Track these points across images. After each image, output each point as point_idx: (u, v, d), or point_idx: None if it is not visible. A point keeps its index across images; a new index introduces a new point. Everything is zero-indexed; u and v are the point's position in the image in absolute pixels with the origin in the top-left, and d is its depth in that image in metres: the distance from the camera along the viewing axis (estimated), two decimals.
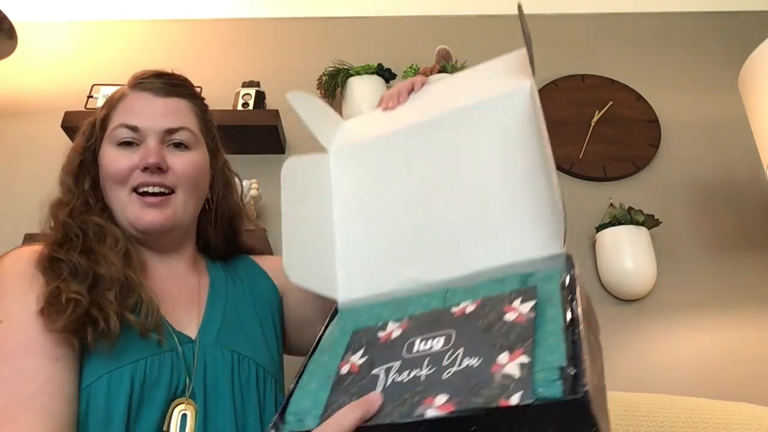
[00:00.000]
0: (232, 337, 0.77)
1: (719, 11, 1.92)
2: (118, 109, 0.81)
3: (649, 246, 1.42)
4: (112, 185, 0.78)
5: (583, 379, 0.46)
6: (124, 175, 0.77)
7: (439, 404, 0.48)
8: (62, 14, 1.89)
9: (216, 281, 0.85)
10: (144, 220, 0.76)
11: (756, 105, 1.30)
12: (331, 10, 1.91)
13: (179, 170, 0.79)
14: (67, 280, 0.67)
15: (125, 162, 0.77)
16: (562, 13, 1.92)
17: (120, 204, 0.78)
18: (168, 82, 0.84)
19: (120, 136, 0.79)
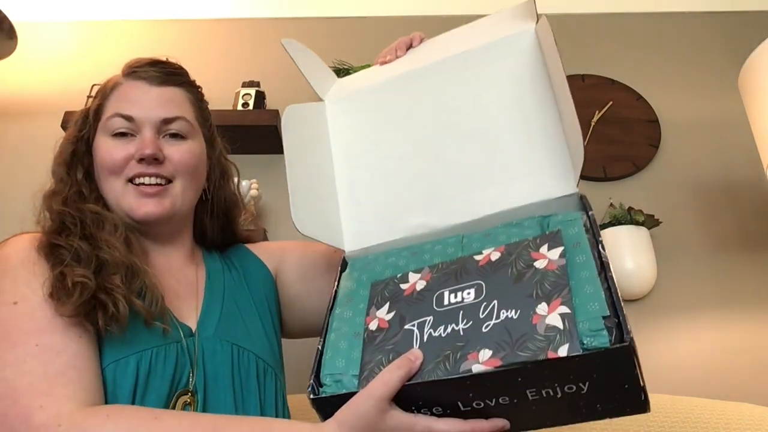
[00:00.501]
0: (231, 330, 0.76)
1: (719, 11, 1.92)
2: (112, 99, 0.81)
3: (649, 246, 1.42)
4: (107, 176, 0.77)
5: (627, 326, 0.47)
6: (119, 165, 0.76)
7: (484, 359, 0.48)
8: (62, 14, 1.89)
9: (213, 272, 0.84)
10: (141, 211, 0.75)
11: (756, 105, 1.30)
12: (331, 10, 1.91)
13: (176, 160, 0.78)
14: (70, 265, 0.66)
15: (120, 152, 0.76)
16: (562, 13, 1.92)
17: (115, 195, 0.77)
18: (163, 71, 0.84)
19: (114, 126, 0.78)
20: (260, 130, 1.56)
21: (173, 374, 0.68)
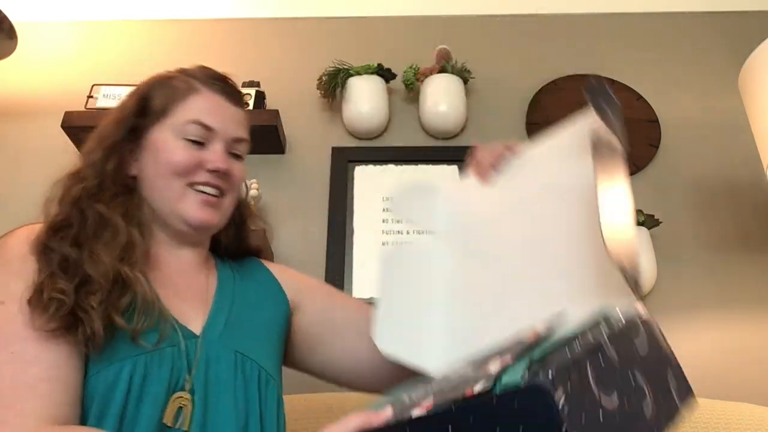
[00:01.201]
0: (237, 337, 0.76)
1: (719, 11, 1.92)
2: (190, 104, 0.80)
3: (649, 246, 1.42)
4: (168, 175, 0.77)
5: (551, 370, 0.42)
6: (188, 170, 0.77)
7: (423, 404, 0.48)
8: (62, 14, 1.89)
9: (224, 279, 0.84)
10: (199, 217, 0.77)
11: (756, 105, 1.30)
12: (331, 10, 1.91)
13: (235, 178, 0.82)
14: (54, 276, 0.66)
15: (192, 158, 0.77)
16: (562, 13, 1.92)
17: (171, 195, 0.77)
18: (236, 91, 0.87)
19: (191, 132, 0.78)
20: (260, 130, 1.56)
21: (170, 377, 0.67)
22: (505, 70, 1.80)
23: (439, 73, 1.66)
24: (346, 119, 1.64)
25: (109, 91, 1.63)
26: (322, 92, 1.66)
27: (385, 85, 1.67)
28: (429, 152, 1.64)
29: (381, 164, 1.62)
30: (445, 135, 1.65)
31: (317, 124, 1.69)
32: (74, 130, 1.55)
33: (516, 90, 1.76)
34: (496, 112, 1.73)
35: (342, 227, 1.51)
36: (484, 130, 1.69)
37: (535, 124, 1.68)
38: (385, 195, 1.57)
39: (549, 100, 1.72)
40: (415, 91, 1.70)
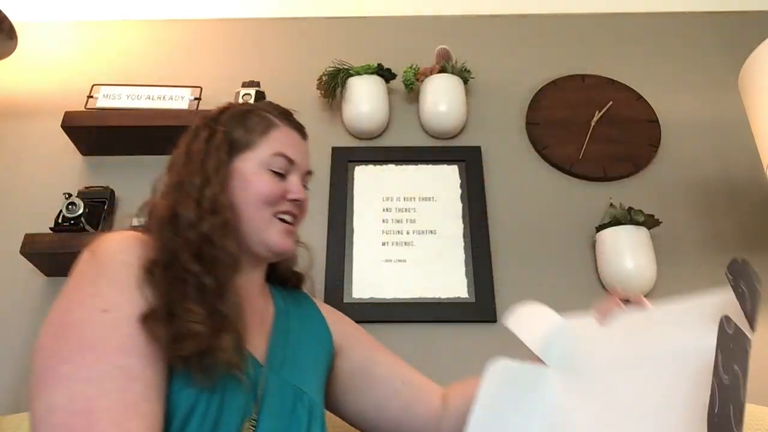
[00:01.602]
0: (294, 371, 0.79)
1: (719, 11, 1.92)
2: (272, 138, 0.86)
3: (649, 246, 1.42)
4: (258, 204, 0.81)
5: None
6: (277, 199, 0.83)
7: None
8: (62, 14, 1.89)
9: (280, 309, 0.87)
10: (283, 246, 0.83)
11: (756, 105, 1.30)
12: (331, 10, 1.91)
13: (305, 208, 0.90)
14: (191, 304, 0.66)
15: (279, 188, 0.83)
16: (562, 13, 1.92)
17: (259, 224, 0.81)
18: (302, 126, 0.95)
19: (279, 164, 0.84)
20: None
21: (244, 404, 0.68)
22: (505, 70, 1.80)
23: (439, 73, 1.66)
24: (346, 119, 1.64)
25: (109, 91, 1.63)
26: (322, 92, 1.66)
27: (385, 85, 1.67)
28: (429, 152, 1.64)
29: (381, 164, 1.62)
30: (445, 135, 1.65)
31: (317, 124, 1.69)
32: (74, 130, 1.55)
33: (516, 90, 1.76)
34: (496, 112, 1.73)
35: (342, 227, 1.51)
36: (484, 130, 1.69)
37: (535, 124, 1.68)
38: (385, 195, 1.57)
39: (549, 100, 1.72)
40: (415, 91, 1.70)
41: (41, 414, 0.58)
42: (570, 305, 1.44)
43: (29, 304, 1.42)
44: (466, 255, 1.48)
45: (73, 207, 1.40)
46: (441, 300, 1.42)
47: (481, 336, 1.39)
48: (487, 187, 1.59)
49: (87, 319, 0.62)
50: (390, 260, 1.48)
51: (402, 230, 1.52)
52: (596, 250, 1.47)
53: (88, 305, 0.63)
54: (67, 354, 0.60)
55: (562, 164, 1.61)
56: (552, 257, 1.50)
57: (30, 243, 1.36)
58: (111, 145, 1.60)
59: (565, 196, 1.59)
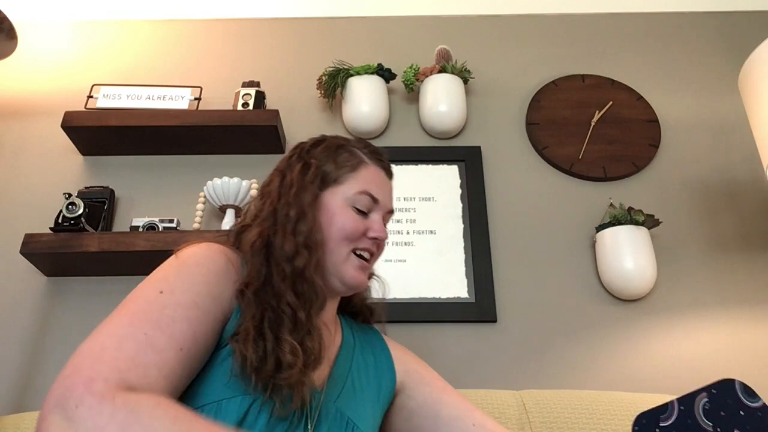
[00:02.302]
0: (350, 403, 0.80)
1: (719, 11, 1.92)
2: (360, 176, 0.87)
3: (649, 246, 1.42)
4: (340, 240, 0.82)
5: None
6: (357, 236, 0.84)
7: None
8: (62, 14, 1.89)
9: (347, 342, 0.88)
10: (357, 280, 0.83)
11: (756, 105, 1.30)
12: (331, 10, 1.91)
13: (383, 247, 0.90)
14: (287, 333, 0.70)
15: (362, 226, 0.84)
16: (562, 13, 1.92)
17: (338, 258, 0.82)
18: (390, 166, 0.94)
19: (362, 202, 0.85)
20: (260, 130, 1.56)
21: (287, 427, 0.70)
22: (505, 70, 1.80)
23: (439, 73, 1.66)
24: (346, 119, 1.64)
25: (109, 91, 1.63)
26: (322, 92, 1.66)
27: (385, 85, 1.67)
28: (429, 152, 1.64)
29: None
30: (445, 135, 1.65)
31: (317, 124, 1.69)
32: (74, 130, 1.55)
33: (516, 90, 1.76)
34: (496, 112, 1.73)
35: None
36: (484, 130, 1.69)
37: (535, 124, 1.68)
38: None
39: (549, 100, 1.72)
40: (415, 91, 1.70)
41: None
42: (570, 305, 1.44)
43: (29, 304, 1.42)
44: (466, 255, 1.48)
45: (73, 207, 1.40)
46: (441, 300, 1.42)
47: (481, 336, 1.39)
48: (487, 187, 1.59)
49: (142, 294, 0.68)
50: (390, 260, 1.48)
51: (402, 230, 1.52)
52: (596, 250, 1.47)
53: (152, 286, 0.69)
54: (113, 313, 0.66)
55: (562, 164, 1.61)
56: (552, 257, 1.50)
57: (30, 243, 1.36)
58: (111, 145, 1.60)
59: (565, 196, 1.59)
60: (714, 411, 0.65)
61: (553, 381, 1.33)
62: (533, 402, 1.12)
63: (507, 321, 1.41)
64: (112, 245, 1.35)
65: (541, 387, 1.26)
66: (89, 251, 1.34)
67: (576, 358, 1.37)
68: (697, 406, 0.67)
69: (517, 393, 1.16)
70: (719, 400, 0.65)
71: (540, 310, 1.43)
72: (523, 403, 1.11)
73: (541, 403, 1.11)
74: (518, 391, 1.16)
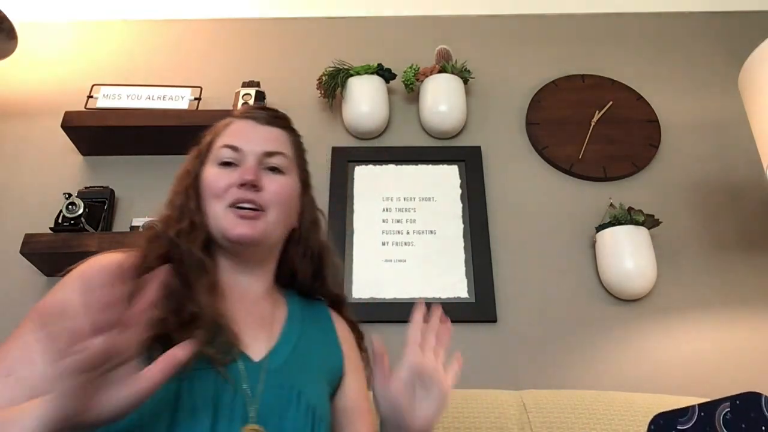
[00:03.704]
0: (295, 373, 0.78)
1: (719, 11, 1.92)
2: (223, 134, 0.88)
3: (649, 246, 1.42)
4: (210, 200, 0.83)
5: None
6: (223, 190, 0.82)
7: None
8: (62, 14, 1.89)
9: (294, 315, 0.87)
10: (236, 232, 0.80)
11: (756, 105, 1.30)
12: (331, 10, 1.91)
13: (272, 191, 0.84)
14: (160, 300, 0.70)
15: (225, 179, 0.83)
16: (562, 13, 1.92)
17: (216, 218, 0.82)
18: (270, 114, 0.92)
19: (222, 156, 0.85)
20: None
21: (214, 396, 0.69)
22: (505, 70, 1.80)
23: (439, 73, 1.66)
24: (346, 119, 1.64)
25: (109, 91, 1.63)
26: (322, 92, 1.66)
27: (385, 85, 1.67)
28: (429, 152, 1.64)
29: (381, 164, 1.62)
30: (445, 135, 1.65)
31: (317, 124, 1.69)
32: (74, 130, 1.55)
33: (516, 90, 1.76)
34: (496, 112, 1.73)
35: (342, 227, 1.51)
36: (484, 130, 1.69)
37: (535, 124, 1.68)
38: (385, 195, 1.57)
39: (549, 100, 1.72)
40: (415, 91, 1.70)
41: None
42: (570, 305, 1.44)
43: (29, 304, 1.41)
44: (466, 255, 1.48)
45: (73, 207, 1.40)
46: (441, 300, 1.42)
47: (481, 336, 1.39)
48: (487, 187, 1.59)
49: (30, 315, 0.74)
50: (390, 260, 1.48)
51: (402, 230, 1.52)
52: (596, 250, 1.47)
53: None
54: None
55: (562, 164, 1.61)
56: (552, 257, 1.50)
57: (30, 243, 1.36)
58: (111, 145, 1.60)
59: (565, 196, 1.59)
60: (735, 422, 0.65)
61: (553, 381, 1.33)
62: (533, 402, 1.12)
63: (507, 321, 1.41)
64: (112, 245, 1.33)
65: (541, 387, 1.26)
66: (89, 251, 1.33)
67: (576, 358, 1.37)
68: (718, 414, 0.67)
69: (517, 393, 1.15)
70: (742, 412, 0.64)
71: (540, 310, 1.42)
72: (523, 403, 1.11)
73: (541, 403, 1.11)
74: (518, 391, 1.16)
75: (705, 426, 0.68)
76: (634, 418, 1.06)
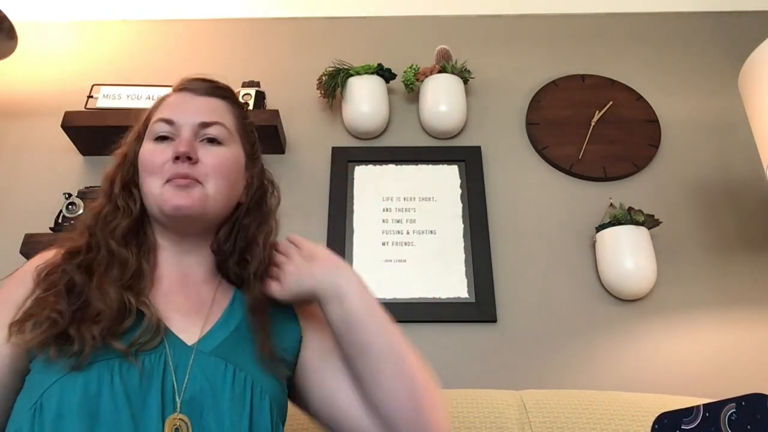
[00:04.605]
0: (234, 353, 0.74)
1: (719, 11, 1.92)
2: (159, 109, 0.85)
3: (649, 246, 1.42)
4: (146, 177, 0.80)
5: None
6: (158, 166, 0.78)
7: None
8: (62, 14, 1.89)
9: (237, 300, 0.81)
10: (173, 203, 0.77)
11: (756, 105, 1.30)
12: (331, 10, 1.91)
13: (210, 163, 0.80)
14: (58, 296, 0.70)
15: (160, 155, 0.79)
16: (562, 13, 1.92)
17: (153, 195, 0.79)
18: (208, 85, 0.87)
19: (157, 130, 0.81)
20: (260, 130, 1.51)
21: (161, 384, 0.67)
22: (505, 70, 1.80)
23: (439, 73, 1.66)
24: (346, 119, 1.64)
25: (109, 91, 1.63)
26: (322, 92, 1.66)
27: (385, 85, 1.67)
28: (429, 152, 1.64)
29: (381, 164, 1.62)
30: (445, 135, 1.65)
31: (317, 124, 1.69)
32: (74, 130, 1.55)
33: (516, 90, 1.76)
34: (496, 112, 1.73)
35: (342, 227, 1.51)
36: (484, 130, 1.69)
37: (535, 124, 1.68)
38: (385, 195, 1.57)
39: (549, 100, 1.72)
40: (415, 91, 1.70)
41: None
42: (570, 305, 1.44)
43: None
44: (466, 255, 1.48)
45: (73, 207, 1.40)
46: (441, 300, 1.42)
47: (481, 336, 1.39)
48: (487, 187, 1.59)
49: None
50: (390, 260, 1.48)
51: (402, 230, 1.52)
52: (596, 250, 1.47)
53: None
54: None
55: (562, 164, 1.61)
56: (552, 257, 1.50)
57: (30, 243, 1.36)
58: (111, 146, 1.60)
59: (565, 196, 1.59)
60: (740, 423, 0.65)
61: (553, 381, 1.33)
62: (533, 402, 1.12)
63: (507, 321, 1.41)
64: None
65: (541, 387, 1.26)
66: None
67: (576, 358, 1.37)
68: (723, 415, 0.67)
69: (517, 393, 1.15)
70: (747, 413, 0.64)
71: (540, 310, 1.43)
72: (523, 403, 1.11)
73: (541, 403, 1.11)
74: (518, 391, 1.16)
75: (710, 426, 0.68)
76: (634, 418, 1.06)
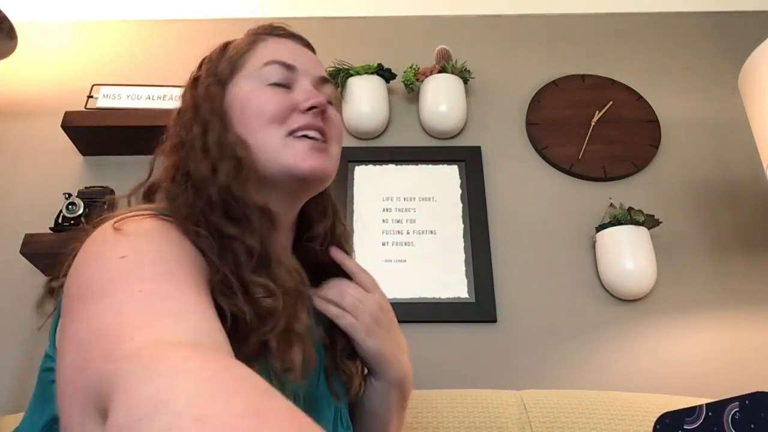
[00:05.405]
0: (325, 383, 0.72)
1: (719, 11, 1.92)
2: (260, 51, 0.70)
3: (649, 246, 1.42)
4: (264, 127, 0.65)
5: None
6: (283, 115, 0.66)
7: None
8: (62, 14, 1.89)
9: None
10: (307, 164, 0.64)
11: (756, 105, 1.30)
12: (331, 10, 1.91)
13: (334, 123, 0.70)
14: (250, 274, 0.56)
15: (284, 101, 0.66)
16: (562, 13, 1.92)
17: (273, 148, 0.65)
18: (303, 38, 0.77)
19: (273, 74, 0.68)
20: None
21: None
22: (505, 70, 1.80)
23: (439, 73, 1.66)
24: (346, 119, 1.64)
25: (109, 91, 1.63)
26: None
27: (385, 85, 1.67)
28: (429, 152, 1.64)
29: (381, 164, 1.62)
30: (445, 135, 1.65)
31: None
32: (74, 130, 1.55)
33: (516, 90, 1.76)
34: (496, 112, 1.73)
35: None
36: (484, 130, 1.69)
37: (535, 124, 1.68)
38: (385, 195, 1.57)
39: (549, 100, 1.72)
40: (415, 91, 1.70)
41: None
42: (570, 305, 1.44)
43: (29, 304, 1.41)
44: (466, 255, 1.48)
45: (73, 207, 1.40)
46: (441, 300, 1.42)
47: (481, 336, 1.39)
48: (487, 187, 1.59)
49: (104, 266, 0.50)
50: (390, 260, 1.48)
51: (402, 230, 1.52)
52: (596, 250, 1.47)
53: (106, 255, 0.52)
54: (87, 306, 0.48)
55: (562, 164, 1.61)
56: (552, 257, 1.50)
57: (30, 243, 1.36)
58: (111, 145, 1.60)
59: (565, 196, 1.59)
60: (744, 422, 0.64)
61: (553, 381, 1.33)
62: (533, 402, 1.12)
63: (507, 321, 1.41)
64: None
65: (541, 387, 1.26)
66: None
67: (576, 358, 1.37)
68: (726, 414, 0.67)
69: (517, 393, 1.16)
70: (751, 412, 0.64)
71: (540, 310, 1.42)
72: (523, 403, 1.11)
73: (541, 403, 1.11)
74: (518, 391, 1.16)
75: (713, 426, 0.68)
76: (635, 418, 1.06)
